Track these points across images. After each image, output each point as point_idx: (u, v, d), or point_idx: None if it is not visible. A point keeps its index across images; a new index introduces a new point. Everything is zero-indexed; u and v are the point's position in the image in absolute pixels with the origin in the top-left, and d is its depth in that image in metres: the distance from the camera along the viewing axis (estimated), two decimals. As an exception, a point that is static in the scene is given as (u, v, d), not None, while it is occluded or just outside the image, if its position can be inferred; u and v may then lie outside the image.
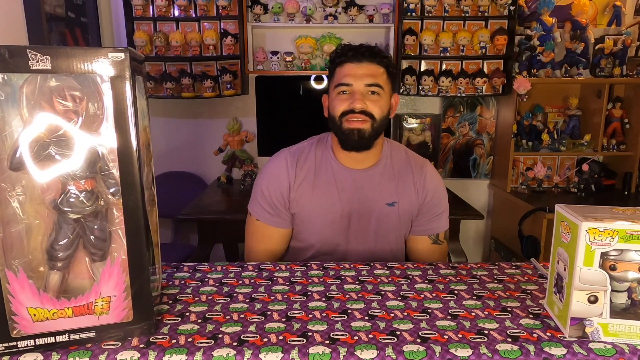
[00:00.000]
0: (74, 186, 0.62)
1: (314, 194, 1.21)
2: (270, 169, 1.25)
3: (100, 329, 0.64)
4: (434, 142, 2.64)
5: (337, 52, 1.20)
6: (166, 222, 2.71)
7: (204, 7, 2.36)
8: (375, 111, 1.15)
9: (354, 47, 1.17)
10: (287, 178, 1.21)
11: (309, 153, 1.25)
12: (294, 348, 0.64)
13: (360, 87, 1.15)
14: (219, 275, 0.91)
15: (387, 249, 1.25)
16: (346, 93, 1.16)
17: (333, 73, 1.20)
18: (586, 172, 2.49)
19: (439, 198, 1.27)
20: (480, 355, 0.63)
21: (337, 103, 1.17)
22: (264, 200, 1.22)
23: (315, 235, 1.22)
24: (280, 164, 1.23)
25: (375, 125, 1.15)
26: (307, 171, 1.22)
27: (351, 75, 1.15)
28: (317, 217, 1.21)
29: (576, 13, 2.45)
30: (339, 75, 1.17)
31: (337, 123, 1.17)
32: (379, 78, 1.16)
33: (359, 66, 1.15)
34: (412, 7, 2.35)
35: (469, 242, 2.84)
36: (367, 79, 1.14)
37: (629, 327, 0.65)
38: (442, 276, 0.91)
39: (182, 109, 2.64)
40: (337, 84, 1.17)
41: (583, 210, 0.69)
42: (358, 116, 1.14)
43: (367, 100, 1.15)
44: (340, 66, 1.18)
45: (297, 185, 1.21)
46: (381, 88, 1.16)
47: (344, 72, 1.16)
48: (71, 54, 0.58)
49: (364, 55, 1.15)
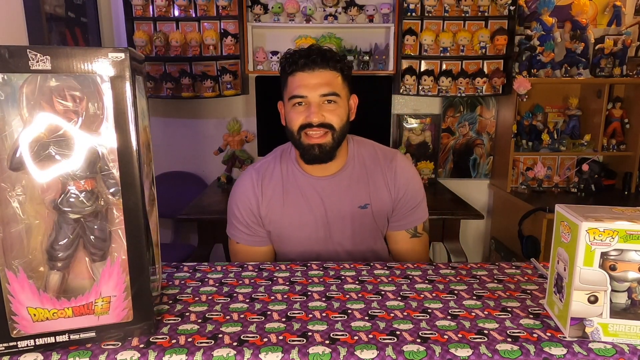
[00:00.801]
0: (74, 186, 0.62)
1: (284, 209, 1.19)
2: (237, 190, 1.23)
3: (100, 329, 0.64)
4: (434, 142, 2.64)
5: (288, 59, 1.13)
6: (166, 222, 2.71)
7: (204, 7, 2.36)
8: (334, 121, 1.11)
9: (304, 54, 1.11)
10: (254, 196, 1.20)
11: (274, 169, 1.23)
12: (294, 348, 0.64)
13: (316, 98, 1.10)
14: (219, 275, 0.91)
15: (368, 250, 1.24)
16: (301, 104, 1.12)
17: (285, 82, 1.15)
18: (586, 172, 2.49)
19: (412, 191, 1.22)
20: (480, 355, 0.63)
21: (293, 116, 1.12)
22: (239, 222, 1.21)
23: (294, 249, 1.22)
24: (246, 183, 1.21)
25: (335, 136, 1.12)
26: (274, 188, 1.20)
27: (304, 86, 1.10)
28: (292, 231, 1.20)
29: (576, 13, 2.46)
30: (292, 86, 1.12)
31: (295, 137, 1.14)
32: (334, 85, 1.11)
33: (311, 75, 1.10)
34: (412, 7, 2.35)
35: (469, 242, 2.84)
36: (322, 88, 1.10)
37: (629, 327, 0.65)
38: (442, 276, 0.91)
39: (182, 109, 2.64)
40: (291, 96, 1.12)
41: (583, 210, 0.69)
42: (317, 130, 1.10)
43: (324, 112, 1.10)
44: (292, 75, 1.12)
45: (266, 203, 1.20)
46: (337, 96, 1.12)
47: (297, 82, 1.11)
48: (71, 54, 0.58)
49: (316, 62, 1.10)
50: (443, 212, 2.04)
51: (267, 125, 2.44)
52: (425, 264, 0.98)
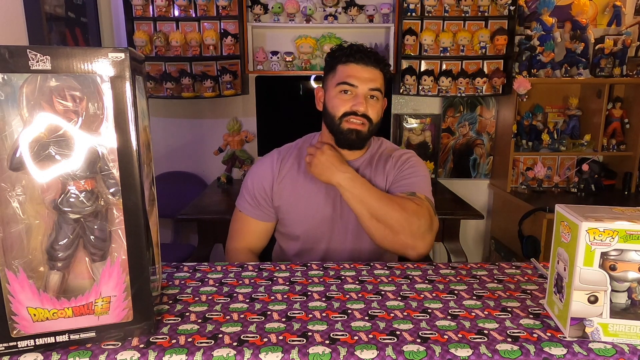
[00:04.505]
0: (74, 186, 0.62)
1: (297, 185, 1.25)
2: (257, 166, 1.31)
3: (100, 329, 0.64)
4: (434, 142, 2.64)
5: (343, 50, 1.20)
6: (166, 222, 2.71)
7: (204, 7, 2.36)
8: (374, 115, 1.19)
9: (361, 49, 1.19)
10: (271, 172, 1.27)
11: (295, 149, 1.31)
12: (294, 348, 0.64)
13: (364, 90, 1.17)
14: (219, 275, 0.91)
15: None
16: (348, 93, 1.18)
17: (334, 69, 1.21)
18: (586, 172, 2.49)
19: (411, 166, 1.24)
20: (480, 355, 0.63)
21: (338, 102, 1.18)
22: (247, 192, 1.28)
23: (300, 225, 1.25)
24: (266, 160, 1.30)
25: (371, 129, 1.21)
26: (291, 164, 1.27)
27: (357, 77, 1.16)
28: (301, 208, 1.24)
29: (576, 13, 2.46)
30: (343, 74, 1.18)
31: (335, 122, 1.19)
32: (379, 83, 1.19)
33: (365, 69, 1.17)
34: (412, 7, 2.35)
35: (469, 242, 2.84)
36: (371, 83, 1.17)
37: (629, 327, 0.65)
38: (442, 276, 0.91)
39: (182, 109, 2.64)
40: (341, 82, 1.17)
41: (583, 210, 0.69)
42: (359, 119, 1.17)
43: (367, 104, 1.18)
44: (345, 65, 1.18)
45: (281, 179, 1.26)
46: (380, 92, 1.20)
47: (349, 72, 1.17)
48: (71, 54, 0.58)
49: (370, 59, 1.18)
50: (443, 212, 2.04)
51: (267, 125, 2.44)
52: (425, 263, 0.98)
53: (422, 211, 1.12)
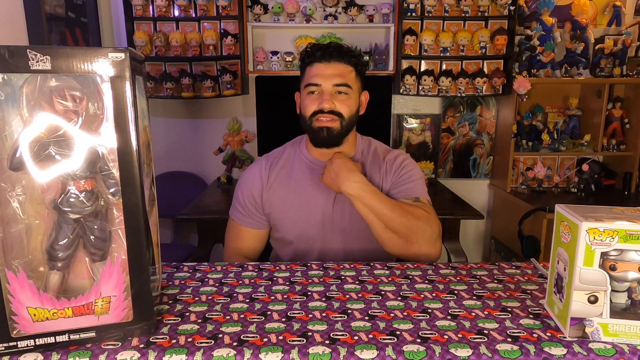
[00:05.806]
0: (74, 186, 0.62)
1: (287, 191, 1.25)
2: (246, 175, 1.32)
3: (100, 329, 0.64)
4: (434, 142, 2.64)
5: (307, 51, 1.22)
6: (166, 222, 2.71)
7: (204, 7, 2.36)
8: (344, 110, 1.19)
9: (322, 47, 1.20)
10: (260, 180, 1.27)
11: (282, 155, 1.32)
12: (294, 348, 0.64)
13: (329, 87, 1.18)
14: (219, 275, 0.91)
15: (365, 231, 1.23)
16: (315, 93, 1.19)
17: (303, 72, 1.24)
18: (586, 172, 2.49)
19: (407, 169, 1.25)
20: (480, 355, 0.63)
21: (307, 103, 1.20)
22: (237, 202, 1.30)
23: (293, 230, 1.26)
24: (255, 169, 1.30)
25: (344, 124, 1.19)
26: (279, 170, 1.28)
27: (319, 76, 1.18)
28: (292, 213, 1.25)
29: (576, 13, 2.46)
30: (308, 75, 1.20)
31: (307, 122, 1.21)
32: (347, 77, 1.19)
33: (327, 66, 1.18)
34: (412, 7, 2.35)
35: (469, 242, 2.84)
36: (335, 79, 1.17)
37: (629, 327, 0.65)
38: (442, 276, 0.91)
39: (182, 109, 2.64)
40: (307, 84, 1.20)
41: (583, 210, 0.69)
42: (327, 116, 1.18)
43: (335, 100, 1.18)
44: (310, 66, 1.21)
45: (270, 186, 1.27)
46: (349, 87, 1.19)
47: (313, 72, 1.19)
48: (71, 54, 0.58)
49: (332, 55, 1.18)
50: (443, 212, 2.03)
51: (267, 125, 2.44)
52: (425, 263, 0.98)
53: (432, 218, 1.16)
